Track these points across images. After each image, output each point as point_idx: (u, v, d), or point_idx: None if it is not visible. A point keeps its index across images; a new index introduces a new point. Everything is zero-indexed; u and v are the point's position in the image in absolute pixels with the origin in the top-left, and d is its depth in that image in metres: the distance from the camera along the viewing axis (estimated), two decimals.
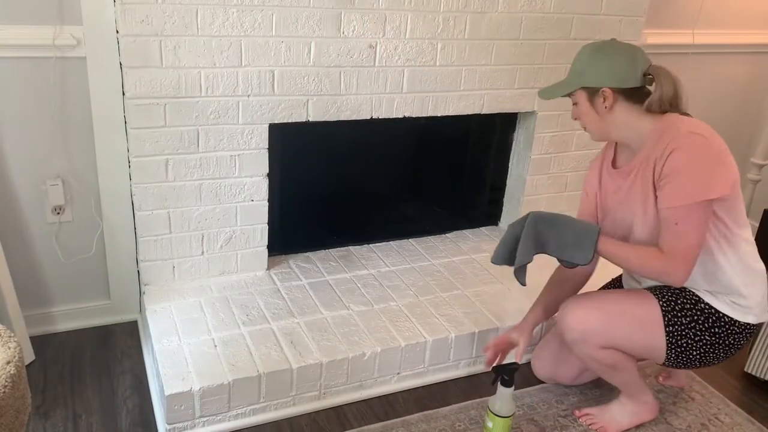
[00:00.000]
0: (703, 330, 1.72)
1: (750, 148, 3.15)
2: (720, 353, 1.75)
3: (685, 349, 1.73)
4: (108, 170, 2.08)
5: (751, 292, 1.71)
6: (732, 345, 1.75)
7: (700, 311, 1.72)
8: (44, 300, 2.17)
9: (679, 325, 1.72)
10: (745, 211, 1.71)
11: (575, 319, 1.75)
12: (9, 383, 1.27)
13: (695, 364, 1.78)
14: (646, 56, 1.66)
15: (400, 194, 3.01)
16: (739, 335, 1.74)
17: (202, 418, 1.78)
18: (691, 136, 1.57)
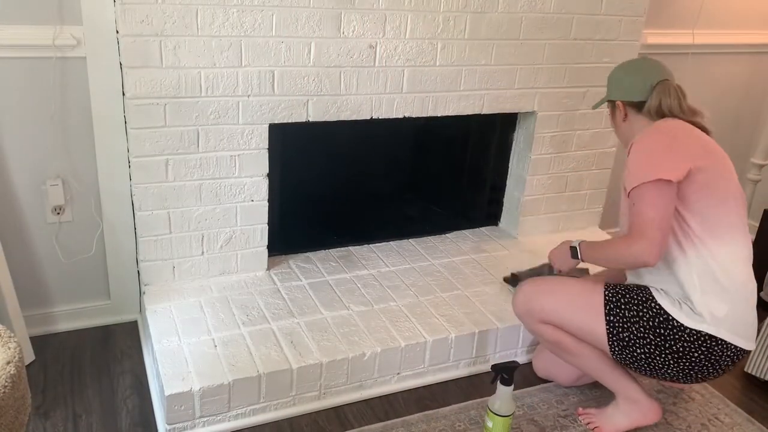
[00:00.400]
0: (648, 328, 1.72)
1: (750, 148, 3.15)
2: (670, 361, 1.71)
3: (627, 344, 1.74)
4: (108, 170, 2.08)
5: (709, 303, 1.67)
6: (683, 354, 1.69)
7: (648, 309, 1.73)
8: (44, 300, 2.17)
9: (620, 317, 1.75)
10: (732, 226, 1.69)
11: (522, 295, 1.91)
12: (9, 383, 1.27)
13: (644, 367, 1.76)
14: (660, 71, 1.81)
15: (400, 194, 3.01)
16: (691, 344, 1.68)
17: (202, 418, 1.78)
18: (650, 130, 1.73)
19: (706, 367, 1.71)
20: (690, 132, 1.74)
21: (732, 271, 1.68)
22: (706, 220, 1.68)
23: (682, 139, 1.71)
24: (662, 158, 1.66)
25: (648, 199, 1.63)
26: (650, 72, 1.80)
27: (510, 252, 2.60)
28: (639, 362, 1.76)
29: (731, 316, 1.68)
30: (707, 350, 1.69)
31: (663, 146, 1.69)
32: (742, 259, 1.71)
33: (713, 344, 1.68)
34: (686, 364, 1.71)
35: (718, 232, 1.68)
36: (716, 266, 1.68)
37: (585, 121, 2.62)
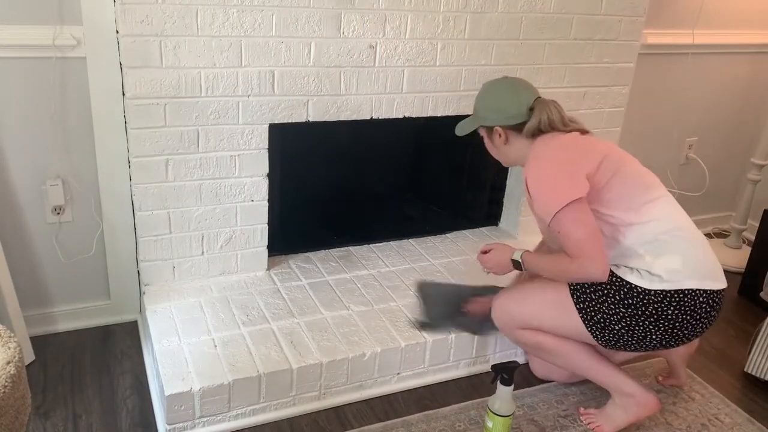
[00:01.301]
0: (616, 302, 1.74)
1: (750, 148, 3.15)
2: (650, 327, 1.73)
3: (605, 326, 1.76)
4: (108, 170, 2.08)
5: (662, 262, 1.71)
6: (659, 316, 1.71)
7: (610, 284, 1.75)
8: (44, 300, 2.17)
9: (589, 301, 1.78)
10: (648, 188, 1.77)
11: (498, 308, 1.95)
12: (9, 383, 1.27)
13: (632, 342, 1.77)
14: (531, 91, 1.84)
15: (400, 194, 3.01)
16: (660, 304, 1.70)
17: (202, 418, 1.78)
18: (535, 161, 1.77)
19: (688, 321, 1.72)
20: (570, 140, 1.79)
21: (669, 225, 1.75)
22: (624, 203, 1.75)
23: (568, 153, 1.76)
24: (562, 182, 1.70)
25: (569, 223, 1.68)
26: (524, 93, 1.82)
27: None
28: (623, 339, 1.77)
29: (689, 264, 1.72)
30: (678, 304, 1.71)
31: (556, 170, 1.73)
32: (674, 210, 1.79)
33: (682, 297, 1.71)
34: (666, 324, 1.72)
35: (640, 205, 1.75)
36: (654, 230, 1.74)
37: (585, 121, 2.58)
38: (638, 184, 1.78)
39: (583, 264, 1.68)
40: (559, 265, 1.75)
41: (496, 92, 1.85)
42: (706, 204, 3.32)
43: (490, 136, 1.88)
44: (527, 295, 1.90)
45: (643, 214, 1.75)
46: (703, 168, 3.17)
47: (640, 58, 2.67)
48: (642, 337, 1.76)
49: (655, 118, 2.99)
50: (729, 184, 3.36)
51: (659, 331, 1.74)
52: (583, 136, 1.83)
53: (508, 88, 1.85)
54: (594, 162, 1.74)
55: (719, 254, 3.03)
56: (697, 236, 1.79)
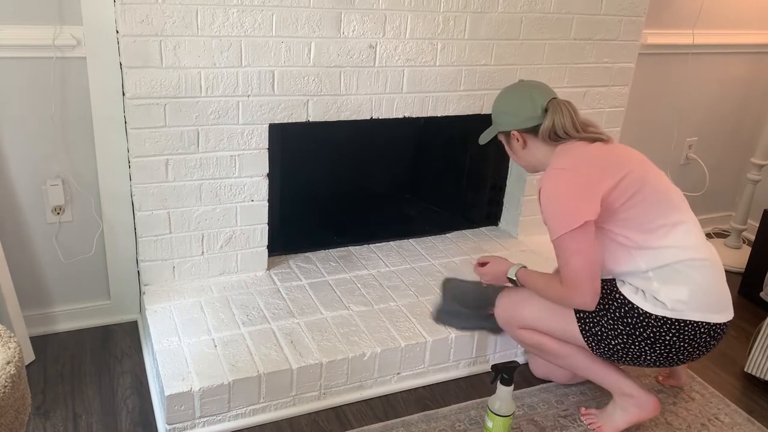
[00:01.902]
0: (616, 318, 1.74)
1: (750, 148, 3.15)
2: (645, 348, 1.72)
3: (601, 338, 1.76)
4: (108, 170, 2.08)
5: (669, 291, 1.68)
6: (656, 339, 1.70)
7: (613, 300, 1.75)
8: (44, 300, 2.17)
9: (589, 313, 1.77)
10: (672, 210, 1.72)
11: (500, 308, 1.95)
12: (9, 383, 1.27)
13: (626, 359, 1.77)
14: (546, 92, 1.80)
15: (400, 194, 3.01)
16: (659, 329, 1.69)
17: (202, 418, 1.78)
18: (553, 172, 1.73)
19: (684, 348, 1.72)
20: (593, 154, 1.74)
21: (684, 255, 1.70)
22: (640, 226, 1.70)
23: (588, 169, 1.71)
24: (573, 203, 1.67)
25: (571, 249, 1.67)
26: (538, 95, 1.79)
27: (510, 252, 2.59)
28: (618, 354, 1.77)
29: (695, 296, 1.68)
30: (678, 333, 1.70)
31: (570, 189, 1.69)
32: (693, 237, 1.73)
33: (683, 326, 1.69)
34: (662, 348, 1.72)
35: (657, 228, 1.71)
36: (666, 258, 1.70)
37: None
38: (659, 206, 1.72)
39: (571, 294, 1.70)
40: (550, 290, 1.77)
41: (509, 96, 1.84)
42: (706, 204, 3.32)
43: (509, 142, 1.86)
44: (529, 298, 1.89)
45: (658, 238, 1.70)
46: (703, 168, 3.17)
47: (640, 58, 2.67)
48: (637, 356, 1.75)
49: (655, 118, 2.99)
50: (729, 184, 3.36)
51: (654, 354, 1.73)
52: (608, 146, 1.78)
53: (521, 90, 1.83)
54: (613, 180, 1.69)
55: (719, 254, 3.05)
56: (712, 266, 1.73)
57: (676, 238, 1.71)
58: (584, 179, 1.70)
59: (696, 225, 1.76)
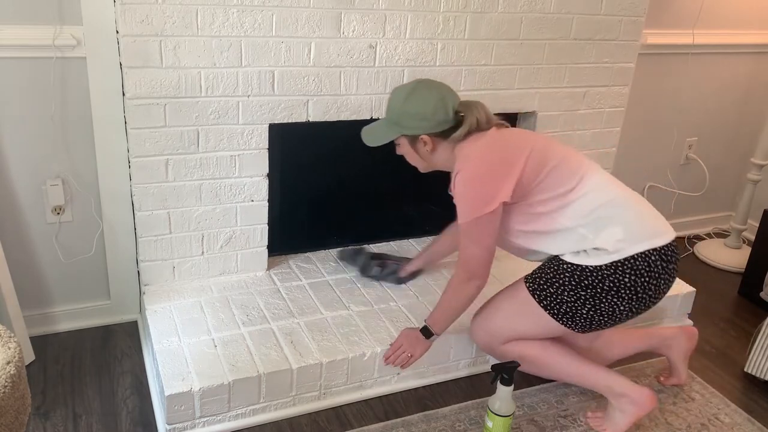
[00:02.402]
0: (573, 287, 1.76)
1: (750, 148, 3.15)
2: (615, 300, 1.74)
3: (574, 313, 1.78)
4: (108, 170, 2.08)
5: (604, 237, 1.72)
6: (619, 287, 1.73)
7: (563, 272, 1.78)
8: (44, 300, 2.17)
9: (550, 296, 1.80)
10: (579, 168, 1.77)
11: (475, 330, 1.96)
12: (9, 383, 1.27)
13: (604, 320, 1.79)
14: (453, 93, 1.80)
15: (400, 194, 3.01)
16: (615, 275, 1.72)
17: (202, 418, 1.78)
18: (465, 161, 1.74)
19: (648, 283, 1.74)
20: (496, 139, 1.77)
21: (603, 198, 1.75)
22: (557, 187, 1.74)
23: (496, 153, 1.74)
24: (486, 189, 1.71)
25: (473, 235, 1.73)
26: (450, 97, 1.78)
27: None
28: (595, 320, 1.79)
29: (631, 230, 1.73)
30: (633, 271, 1.72)
31: (483, 176, 1.72)
32: (601, 180, 1.78)
33: (634, 262, 1.72)
34: (628, 293, 1.74)
35: (573, 185, 1.75)
36: (587, 206, 1.74)
37: (585, 121, 2.62)
38: (568, 167, 1.77)
39: (471, 286, 1.78)
40: (452, 299, 1.82)
41: (420, 98, 1.76)
42: (706, 204, 3.32)
43: (414, 145, 1.82)
44: (496, 309, 1.91)
45: (576, 191, 1.75)
46: (703, 168, 3.17)
47: (640, 58, 2.67)
48: (611, 312, 1.77)
49: (655, 118, 2.99)
50: (729, 184, 3.36)
51: (624, 302, 1.75)
52: (507, 130, 1.82)
53: (429, 92, 1.77)
54: (522, 157, 1.73)
55: (719, 254, 3.06)
56: (633, 199, 1.79)
57: (590, 185, 1.76)
58: (497, 164, 1.73)
59: (601, 170, 1.82)
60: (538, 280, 1.83)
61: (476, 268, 1.77)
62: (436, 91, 1.78)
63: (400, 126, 1.80)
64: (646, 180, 3.11)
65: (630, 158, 2.98)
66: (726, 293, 2.80)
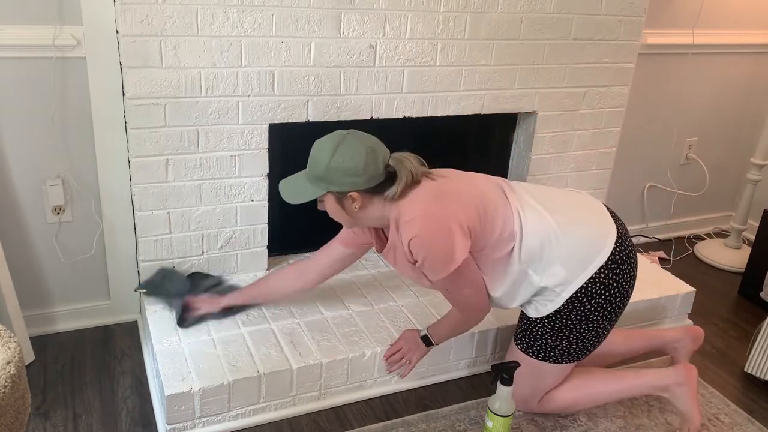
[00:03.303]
0: (552, 334, 1.79)
1: (750, 148, 3.15)
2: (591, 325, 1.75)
3: (568, 350, 1.80)
4: (108, 170, 2.08)
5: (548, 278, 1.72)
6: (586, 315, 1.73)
7: (535, 324, 1.81)
8: (44, 300, 2.17)
9: (540, 347, 1.82)
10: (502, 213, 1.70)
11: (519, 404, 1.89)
12: (9, 383, 1.27)
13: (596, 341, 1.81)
14: (382, 146, 1.66)
15: None
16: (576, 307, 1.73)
17: (202, 418, 1.78)
18: (410, 225, 1.61)
19: (611, 295, 1.74)
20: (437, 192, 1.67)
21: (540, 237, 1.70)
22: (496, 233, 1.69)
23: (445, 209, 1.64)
24: (447, 244, 1.62)
25: (456, 281, 1.70)
26: (380, 150, 1.64)
27: None
28: (588, 346, 1.81)
29: (570, 263, 1.71)
30: (589, 296, 1.73)
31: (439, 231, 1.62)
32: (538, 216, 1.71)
33: (587, 289, 1.72)
34: (598, 313, 1.75)
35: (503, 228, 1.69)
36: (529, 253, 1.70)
37: (585, 121, 2.62)
38: (504, 208, 1.71)
39: (478, 316, 1.82)
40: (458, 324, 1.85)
41: (349, 152, 1.60)
42: (706, 204, 3.32)
43: (341, 202, 1.66)
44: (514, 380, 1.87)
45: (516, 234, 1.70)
46: (703, 168, 3.17)
47: (640, 58, 2.67)
48: (595, 333, 1.79)
49: (655, 118, 2.99)
50: (729, 184, 3.36)
51: (599, 321, 1.77)
52: (438, 179, 1.70)
53: (361, 145, 1.61)
54: (467, 209, 1.66)
55: (719, 254, 3.06)
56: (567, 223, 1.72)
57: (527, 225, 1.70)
58: (446, 218, 1.63)
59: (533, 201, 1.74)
60: (524, 339, 1.84)
61: (476, 303, 1.79)
62: (365, 143, 1.62)
63: (327, 182, 1.62)
64: (646, 180, 3.11)
65: (630, 158, 2.98)
66: (726, 293, 2.80)
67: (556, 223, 1.72)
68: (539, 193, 1.80)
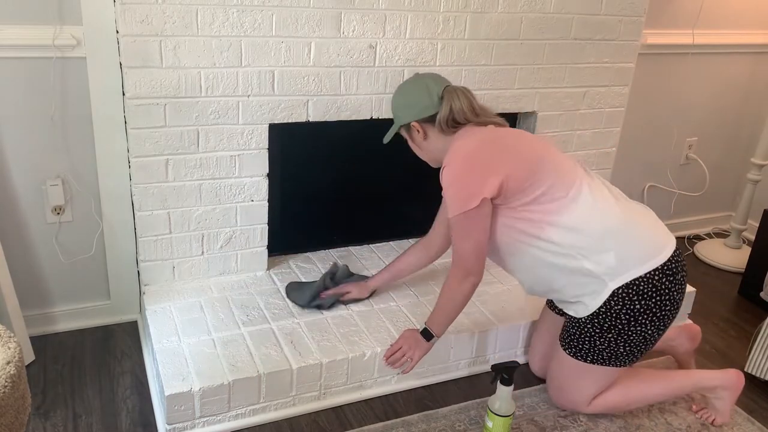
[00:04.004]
0: (600, 335, 1.78)
1: (750, 148, 3.15)
2: (639, 328, 1.75)
3: (615, 354, 1.79)
4: (108, 170, 2.08)
5: (599, 263, 1.71)
6: (635, 317, 1.73)
7: (584, 325, 1.80)
8: (44, 300, 2.17)
9: (588, 350, 1.82)
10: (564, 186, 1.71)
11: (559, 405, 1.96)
12: (9, 383, 1.27)
13: (644, 347, 1.80)
14: (440, 81, 1.81)
15: (400, 194, 3.01)
16: (624, 307, 1.72)
17: (202, 418, 1.78)
18: (453, 156, 1.74)
19: (661, 300, 1.73)
20: (487, 138, 1.76)
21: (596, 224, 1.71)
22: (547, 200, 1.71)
23: (483, 153, 1.73)
24: (471, 184, 1.70)
25: (462, 230, 1.73)
26: (433, 83, 1.80)
27: None
28: (635, 352, 1.80)
29: (622, 254, 1.71)
30: (639, 295, 1.72)
31: (469, 170, 1.71)
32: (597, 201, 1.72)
33: (637, 288, 1.72)
34: (646, 316, 1.74)
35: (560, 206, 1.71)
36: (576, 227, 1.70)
37: (585, 121, 2.62)
38: (561, 180, 1.73)
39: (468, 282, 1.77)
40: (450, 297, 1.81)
41: (405, 89, 1.85)
42: (706, 204, 3.32)
43: (411, 135, 1.87)
44: (561, 384, 1.92)
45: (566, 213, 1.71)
46: (703, 168, 3.17)
47: (640, 58, 2.67)
48: (642, 338, 1.77)
49: (655, 118, 2.99)
50: (729, 184, 3.36)
51: (647, 325, 1.76)
52: (503, 130, 1.80)
53: (415, 82, 1.84)
54: (510, 161, 1.72)
55: (719, 254, 3.06)
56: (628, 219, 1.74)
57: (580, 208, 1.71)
58: (482, 161, 1.72)
59: (599, 186, 1.77)
60: (571, 342, 1.84)
61: (470, 263, 1.77)
62: (422, 78, 1.83)
63: (397, 118, 1.86)
64: (646, 180, 3.11)
65: (630, 158, 2.98)
66: (726, 293, 2.80)
67: (617, 213, 1.74)
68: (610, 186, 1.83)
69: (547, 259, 1.76)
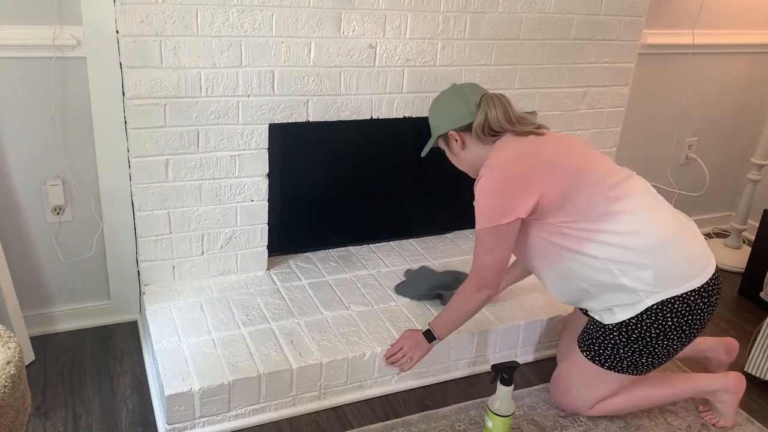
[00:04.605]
0: (624, 344, 1.76)
1: (750, 148, 3.15)
2: (663, 341, 1.73)
3: (636, 363, 1.78)
4: (108, 170, 2.08)
5: (635, 279, 1.69)
6: (663, 330, 1.71)
7: (610, 331, 1.78)
8: (44, 300, 2.17)
9: (608, 357, 1.80)
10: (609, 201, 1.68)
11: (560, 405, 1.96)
12: (9, 383, 1.27)
13: (664, 359, 1.79)
14: (477, 89, 1.81)
15: (400, 194, 3.01)
16: (657, 321, 1.70)
17: (202, 418, 1.78)
18: (488, 168, 1.71)
19: (693, 320, 1.72)
20: (525, 150, 1.73)
21: (639, 242, 1.68)
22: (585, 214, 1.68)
23: (520, 168, 1.70)
24: (503, 200, 1.68)
25: (487, 244, 1.71)
26: (470, 92, 1.79)
27: None
28: (655, 362, 1.79)
29: (661, 273, 1.68)
30: (674, 313, 1.70)
31: (502, 186, 1.69)
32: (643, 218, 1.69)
33: (673, 306, 1.70)
34: (676, 332, 1.73)
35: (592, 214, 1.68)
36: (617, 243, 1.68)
37: (585, 121, 2.62)
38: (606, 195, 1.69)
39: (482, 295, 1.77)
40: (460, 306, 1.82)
41: (442, 99, 1.84)
42: (706, 204, 3.32)
43: (449, 145, 1.85)
44: (569, 385, 1.91)
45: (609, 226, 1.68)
46: (703, 168, 3.17)
47: (640, 58, 2.67)
48: (665, 351, 1.77)
49: (655, 118, 2.99)
50: (729, 184, 3.36)
51: (675, 341, 1.74)
52: (543, 139, 1.76)
53: (452, 91, 1.84)
54: (550, 176, 1.68)
55: (719, 254, 3.05)
56: (671, 238, 1.71)
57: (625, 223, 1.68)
58: (517, 177, 1.69)
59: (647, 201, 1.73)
60: (592, 345, 1.82)
61: (489, 278, 1.76)
62: (459, 87, 1.83)
63: (434, 128, 1.85)
64: (646, 180, 3.11)
65: (630, 158, 2.97)
66: (726, 293, 2.79)
67: (661, 231, 1.70)
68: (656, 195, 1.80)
69: (583, 273, 1.73)
